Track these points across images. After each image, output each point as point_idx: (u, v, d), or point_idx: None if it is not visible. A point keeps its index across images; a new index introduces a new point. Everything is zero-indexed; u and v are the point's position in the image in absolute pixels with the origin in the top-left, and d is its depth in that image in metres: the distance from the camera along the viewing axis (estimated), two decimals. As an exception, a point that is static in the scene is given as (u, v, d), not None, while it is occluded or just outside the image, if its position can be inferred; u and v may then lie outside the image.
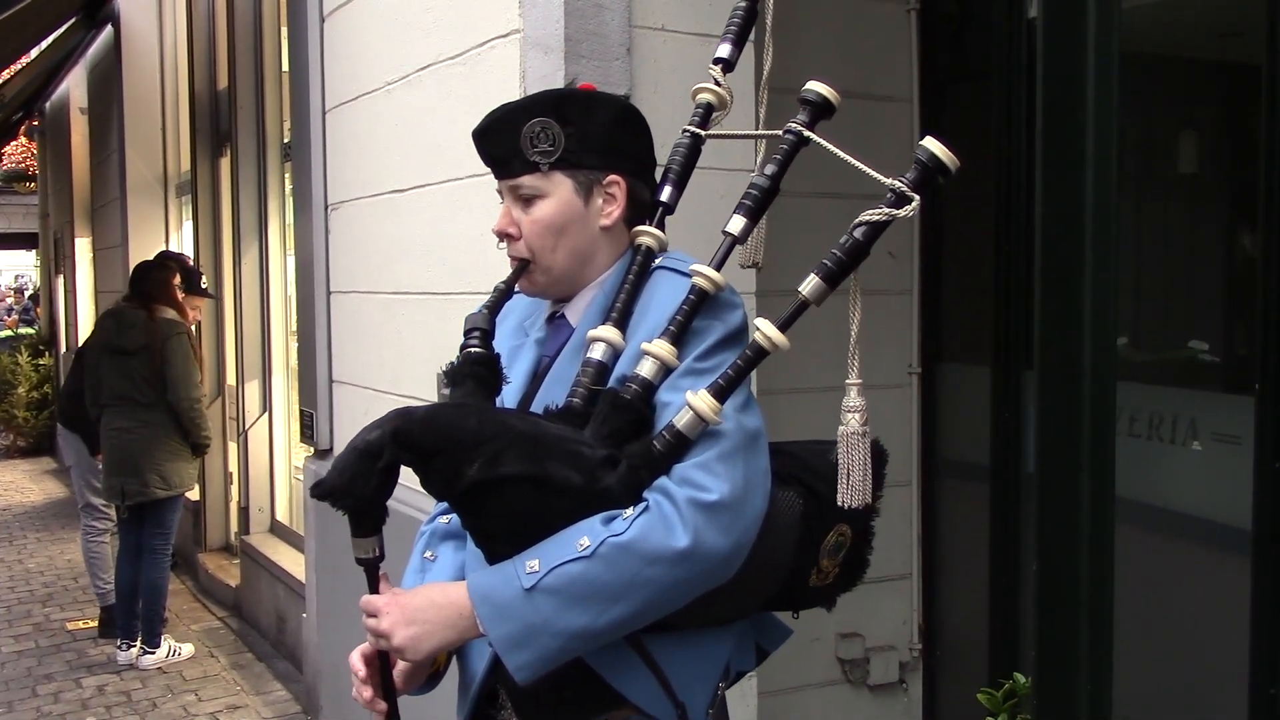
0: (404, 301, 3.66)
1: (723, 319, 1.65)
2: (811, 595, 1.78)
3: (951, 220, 3.84)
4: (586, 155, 1.72)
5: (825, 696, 3.82)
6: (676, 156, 1.82)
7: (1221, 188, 3.43)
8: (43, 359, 12.78)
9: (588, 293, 1.78)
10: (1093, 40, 1.53)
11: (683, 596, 1.54)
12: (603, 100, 1.81)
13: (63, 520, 8.99)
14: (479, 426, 1.55)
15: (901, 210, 1.51)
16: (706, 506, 1.51)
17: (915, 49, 3.81)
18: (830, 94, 1.68)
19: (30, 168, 18.43)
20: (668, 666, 1.63)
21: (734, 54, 1.87)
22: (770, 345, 1.55)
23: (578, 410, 1.62)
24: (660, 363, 1.59)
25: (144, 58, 8.76)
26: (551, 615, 1.51)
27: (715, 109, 1.84)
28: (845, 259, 1.53)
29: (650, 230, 1.76)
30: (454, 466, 1.53)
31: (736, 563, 1.55)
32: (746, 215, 1.70)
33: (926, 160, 1.52)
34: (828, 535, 1.71)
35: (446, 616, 1.59)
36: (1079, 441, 1.55)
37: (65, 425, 6.36)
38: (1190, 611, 3.13)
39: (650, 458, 1.55)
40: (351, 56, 4.10)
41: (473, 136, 1.80)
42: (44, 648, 5.93)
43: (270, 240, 6.44)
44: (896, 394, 3.85)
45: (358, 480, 1.53)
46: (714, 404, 1.53)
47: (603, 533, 1.52)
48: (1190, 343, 3.35)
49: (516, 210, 1.75)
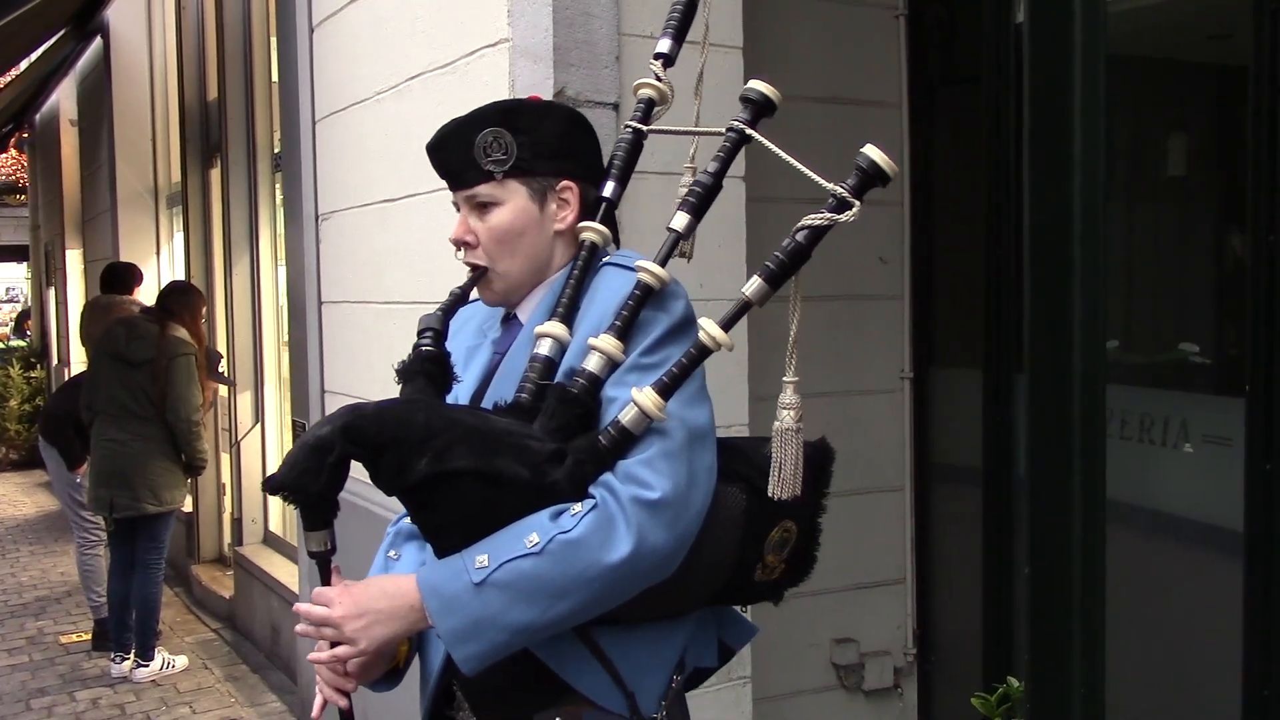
0: (395, 311, 3.66)
1: (667, 310, 1.68)
2: (758, 590, 1.81)
3: (942, 225, 3.85)
4: (539, 162, 1.76)
5: (820, 702, 3.82)
6: (619, 152, 1.85)
7: (1211, 190, 3.44)
8: (34, 371, 12.76)
9: (539, 291, 1.82)
10: (1080, 44, 1.54)
11: (627, 591, 1.58)
12: (553, 109, 1.87)
13: (55, 533, 8.96)
14: (428, 421, 1.58)
15: (842, 215, 1.53)
16: (649, 504, 1.54)
17: (904, 54, 3.82)
18: (772, 93, 1.70)
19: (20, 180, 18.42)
20: (617, 659, 1.67)
21: (674, 49, 1.89)
22: (714, 344, 1.58)
23: (526, 405, 1.65)
24: (607, 357, 1.62)
25: (133, 69, 8.76)
26: (499, 610, 1.55)
27: (656, 104, 1.87)
28: (787, 261, 1.56)
29: (593, 225, 1.79)
30: (403, 461, 1.57)
31: (679, 558, 1.59)
32: (690, 212, 1.73)
33: (867, 167, 1.53)
34: (771, 531, 1.74)
35: (396, 607, 1.62)
36: (1070, 445, 1.55)
37: (45, 439, 6.34)
38: (1182, 614, 3.14)
39: (595, 453, 1.58)
40: (341, 66, 4.10)
41: (427, 150, 1.85)
42: (37, 661, 5.90)
43: (261, 251, 6.42)
44: (889, 399, 3.86)
45: (307, 475, 1.57)
46: (659, 401, 1.56)
47: (551, 529, 1.55)
48: (1180, 345, 3.36)
49: (473, 219, 1.80)
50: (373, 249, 3.87)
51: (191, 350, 5.57)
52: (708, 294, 2.76)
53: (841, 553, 3.76)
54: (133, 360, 5.44)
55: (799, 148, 1.60)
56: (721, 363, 3.00)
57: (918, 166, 3.80)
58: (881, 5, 3.81)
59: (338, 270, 4.26)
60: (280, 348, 6.26)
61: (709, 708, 3.00)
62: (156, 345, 5.45)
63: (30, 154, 15.22)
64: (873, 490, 3.86)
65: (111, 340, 5.53)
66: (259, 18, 6.23)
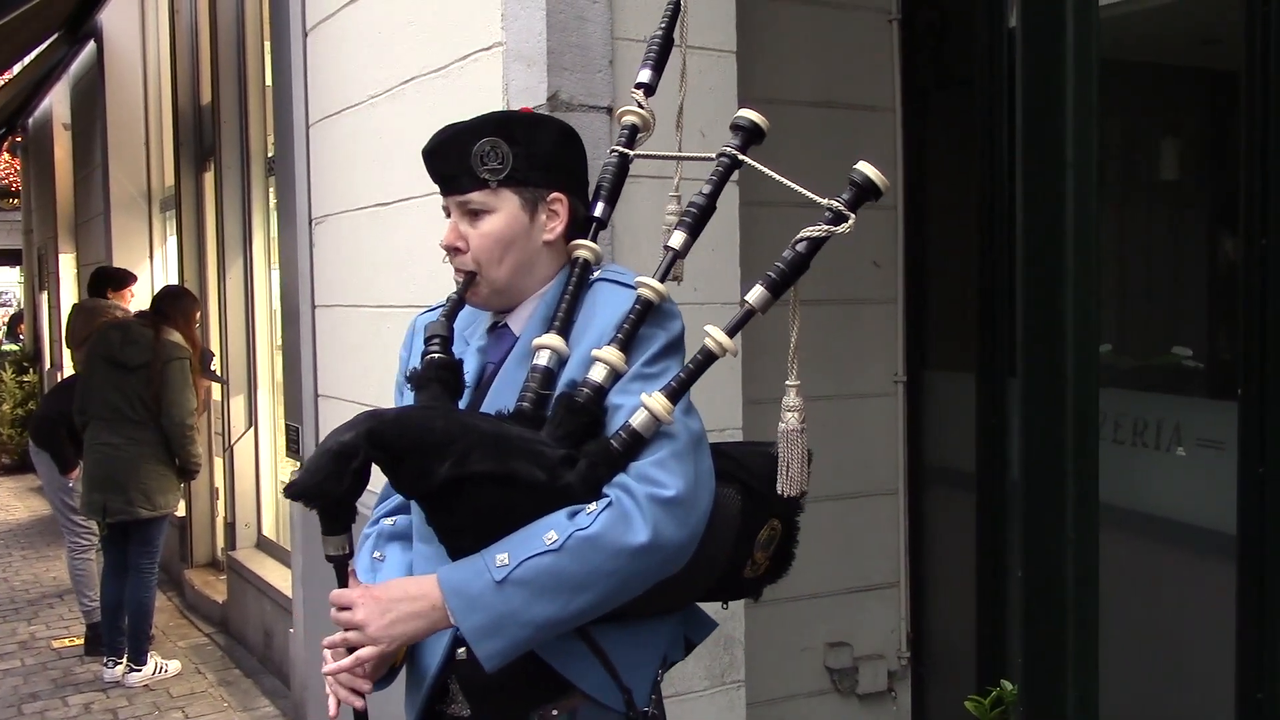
0: (389, 315, 3.66)
1: (665, 327, 1.76)
2: (745, 586, 1.90)
3: (935, 229, 3.85)
4: (533, 173, 1.82)
5: (814, 706, 3.82)
6: (607, 174, 1.94)
7: (1203, 193, 3.45)
8: (27, 376, 12.72)
9: (530, 303, 1.87)
10: (1072, 48, 1.54)
11: (641, 585, 1.64)
12: (546, 122, 1.91)
13: (48, 538, 8.94)
14: (446, 427, 1.64)
15: (839, 228, 1.63)
16: (664, 501, 1.61)
17: (897, 58, 3.83)
18: (761, 121, 1.80)
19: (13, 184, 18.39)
20: (614, 655, 1.74)
21: (654, 78, 2.00)
22: (720, 350, 1.68)
23: (527, 414, 1.71)
24: (610, 368, 1.69)
25: (127, 73, 8.75)
26: (521, 606, 1.60)
27: (640, 130, 1.97)
28: (788, 270, 1.65)
29: (587, 244, 1.87)
30: (425, 465, 1.62)
31: (689, 553, 1.66)
32: (687, 231, 1.81)
33: (861, 182, 1.63)
34: (761, 530, 1.82)
35: (419, 608, 1.67)
36: (1063, 448, 1.56)
37: (36, 444, 6.33)
38: (1176, 617, 3.14)
39: (608, 456, 1.65)
40: (335, 70, 4.10)
41: (422, 155, 1.89)
42: (30, 666, 5.89)
43: (254, 254, 6.42)
44: (883, 402, 3.86)
45: (331, 480, 1.62)
46: (668, 405, 1.64)
47: (569, 527, 1.61)
48: (1173, 348, 3.36)
49: (464, 225, 1.84)
50: (366, 253, 3.87)
51: (186, 354, 5.57)
52: (702, 298, 2.76)
53: (835, 556, 3.77)
54: (127, 364, 5.43)
55: (793, 151, 1.62)
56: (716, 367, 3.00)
57: (911, 170, 3.81)
58: (874, 9, 3.82)
59: (331, 274, 4.25)
60: (273, 351, 6.25)
61: (702, 711, 3.00)
62: (151, 349, 5.45)
63: (23, 157, 15.22)
64: (867, 494, 3.86)
65: (106, 344, 5.51)
66: (253, 21, 6.23)
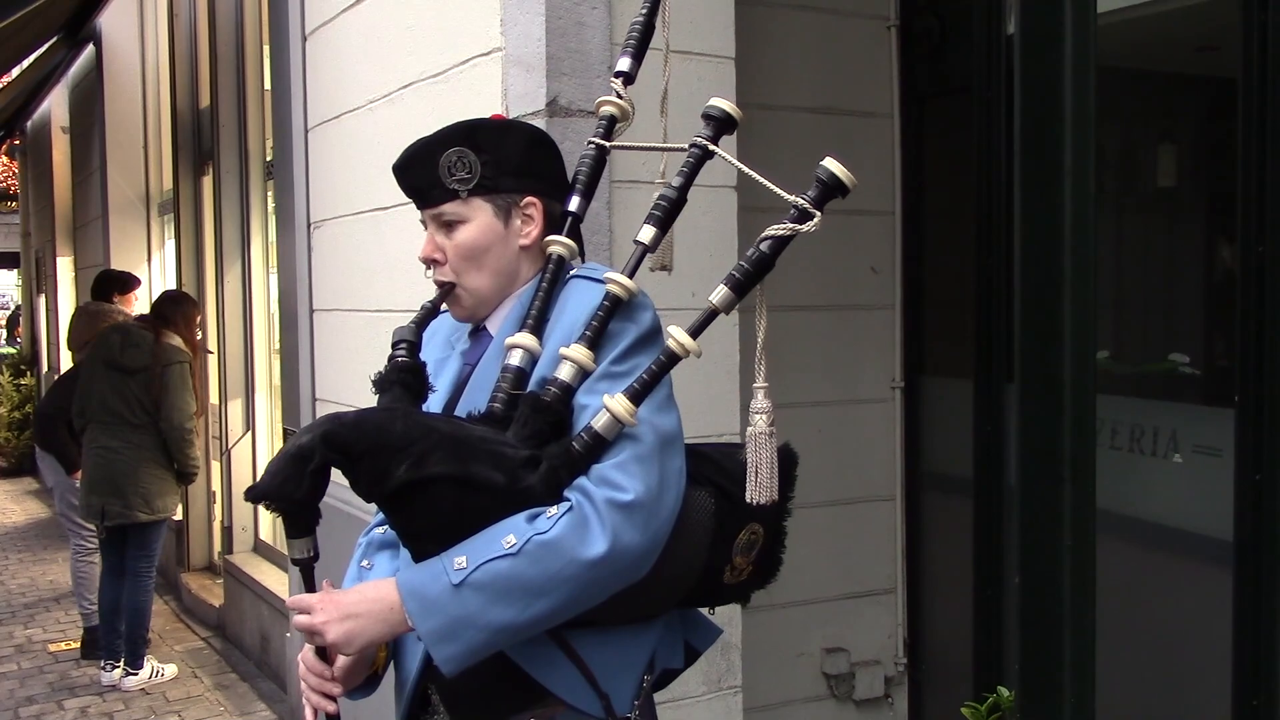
0: (387, 319, 3.66)
1: (635, 320, 1.73)
2: (727, 592, 1.85)
3: (933, 235, 3.85)
4: (503, 180, 1.81)
5: (811, 711, 3.82)
6: (583, 168, 1.89)
7: (1200, 201, 3.45)
8: (24, 379, 12.71)
9: (507, 303, 1.86)
10: (1070, 55, 1.55)
11: (603, 592, 1.62)
12: (514, 127, 1.91)
13: (45, 541, 8.93)
14: (405, 429, 1.62)
15: (804, 225, 1.58)
16: (623, 506, 1.58)
17: (895, 65, 3.83)
18: (733, 110, 1.76)
19: (11, 187, 18.38)
20: (591, 661, 1.71)
21: (633, 67, 1.94)
22: (682, 350, 1.63)
23: (498, 414, 1.69)
24: (578, 366, 1.66)
25: (126, 76, 8.75)
26: (478, 610, 1.58)
27: (618, 120, 1.91)
28: (752, 270, 1.61)
29: (560, 240, 1.83)
30: (382, 467, 1.60)
31: (652, 559, 1.63)
32: (656, 225, 1.77)
33: (826, 179, 1.58)
34: (740, 534, 1.78)
35: (377, 611, 1.65)
36: (1060, 454, 1.56)
37: (41, 446, 6.33)
38: (1172, 623, 3.14)
39: (569, 458, 1.62)
40: (334, 75, 4.10)
41: (393, 171, 1.88)
42: (26, 669, 5.88)
43: (253, 258, 6.42)
44: (880, 408, 3.86)
45: (289, 484, 1.59)
46: (630, 407, 1.61)
47: (528, 531, 1.59)
48: (1171, 355, 3.37)
49: (440, 236, 1.84)
50: (364, 257, 3.87)
51: (186, 358, 5.57)
52: (700, 303, 2.75)
53: (832, 562, 3.77)
54: (127, 368, 5.43)
55: (791, 157, 1.62)
56: (713, 372, 3.01)
57: (909, 176, 3.81)
58: (873, 16, 3.82)
59: (329, 278, 4.26)
60: (271, 355, 6.25)
61: (700, 717, 3.00)
62: (151, 353, 5.45)
63: (22, 161, 15.22)
64: (864, 499, 3.86)
65: (106, 347, 5.51)
66: (252, 25, 6.23)
